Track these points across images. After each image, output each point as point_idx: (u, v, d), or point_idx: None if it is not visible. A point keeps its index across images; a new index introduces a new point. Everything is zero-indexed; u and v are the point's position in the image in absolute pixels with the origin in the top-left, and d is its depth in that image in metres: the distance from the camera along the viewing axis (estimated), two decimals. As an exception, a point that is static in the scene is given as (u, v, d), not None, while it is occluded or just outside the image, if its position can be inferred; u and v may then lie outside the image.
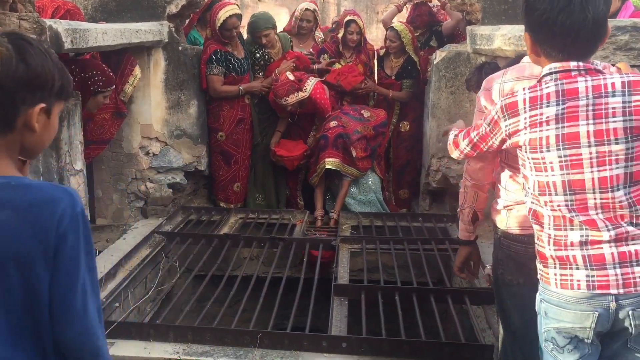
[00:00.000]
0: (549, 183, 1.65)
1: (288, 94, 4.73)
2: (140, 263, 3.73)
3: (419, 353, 2.79)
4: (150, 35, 4.17)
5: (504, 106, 1.71)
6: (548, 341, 1.71)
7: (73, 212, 1.21)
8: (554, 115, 1.60)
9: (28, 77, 1.20)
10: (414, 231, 4.46)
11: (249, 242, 4.14)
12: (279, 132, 5.12)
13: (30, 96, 1.22)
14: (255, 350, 2.81)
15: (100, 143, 4.08)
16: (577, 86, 1.60)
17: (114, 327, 2.86)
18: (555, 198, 1.65)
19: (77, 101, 2.87)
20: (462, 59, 4.57)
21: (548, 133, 1.61)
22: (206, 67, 4.73)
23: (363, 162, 4.86)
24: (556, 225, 1.67)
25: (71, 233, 1.21)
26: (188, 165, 4.83)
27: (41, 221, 1.19)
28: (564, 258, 1.65)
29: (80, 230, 1.22)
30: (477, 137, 1.89)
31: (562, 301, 1.65)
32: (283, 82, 4.75)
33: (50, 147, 2.58)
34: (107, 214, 4.64)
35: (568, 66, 1.63)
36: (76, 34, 3.02)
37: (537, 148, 1.64)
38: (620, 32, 2.51)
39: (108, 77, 3.62)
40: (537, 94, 1.64)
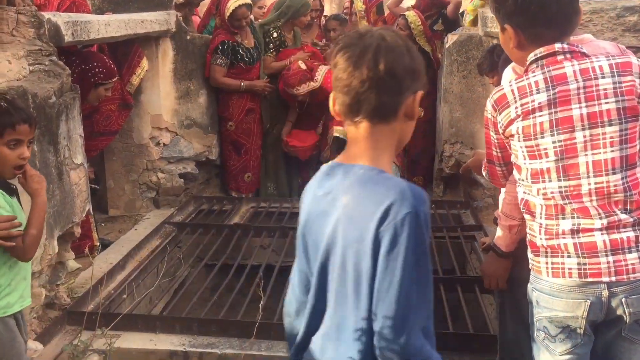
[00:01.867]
0: (542, 170, 1.61)
1: (300, 84, 4.68)
2: (151, 254, 3.74)
3: (426, 344, 2.74)
4: (156, 25, 4.15)
5: (494, 103, 1.68)
6: (540, 330, 1.68)
7: (410, 215, 1.13)
8: (546, 101, 1.58)
9: (412, 66, 1.23)
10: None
11: (259, 232, 4.12)
12: (290, 122, 5.08)
13: (413, 84, 1.23)
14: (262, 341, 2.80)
15: (108, 134, 4.09)
16: (565, 71, 1.58)
17: (120, 319, 2.87)
18: (549, 185, 1.61)
19: (76, 95, 2.86)
20: (474, 42, 4.46)
21: (542, 119, 1.59)
22: (211, 56, 4.70)
23: None
24: (547, 215, 1.63)
25: (400, 235, 1.13)
26: (199, 155, 4.82)
27: (378, 216, 1.14)
28: (556, 247, 1.62)
29: (412, 235, 1.13)
30: (498, 149, 1.81)
31: (554, 290, 1.62)
32: (295, 72, 4.70)
33: (47, 141, 2.58)
34: (119, 205, 4.66)
35: (553, 49, 1.60)
36: (77, 26, 3.00)
37: (531, 135, 1.61)
38: (628, 13, 2.41)
39: (109, 70, 3.60)
40: (524, 83, 1.61)
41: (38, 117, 2.51)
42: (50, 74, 2.67)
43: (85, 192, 2.93)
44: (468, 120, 4.59)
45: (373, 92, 1.19)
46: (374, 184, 1.20)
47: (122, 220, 4.57)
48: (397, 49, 1.21)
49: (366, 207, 1.17)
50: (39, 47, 2.71)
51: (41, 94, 2.54)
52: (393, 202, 1.14)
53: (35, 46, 2.70)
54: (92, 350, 2.70)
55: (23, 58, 2.61)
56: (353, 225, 1.18)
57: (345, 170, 1.25)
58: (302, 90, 4.70)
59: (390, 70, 1.19)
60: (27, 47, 2.67)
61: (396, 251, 1.13)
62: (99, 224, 4.32)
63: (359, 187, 1.21)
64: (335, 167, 1.28)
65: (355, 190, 1.21)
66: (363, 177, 1.22)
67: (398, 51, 1.20)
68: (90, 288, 3.07)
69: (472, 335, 2.81)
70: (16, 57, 2.58)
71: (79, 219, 2.91)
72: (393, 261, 1.13)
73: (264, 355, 2.72)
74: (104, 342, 2.74)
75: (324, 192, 1.27)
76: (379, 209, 1.14)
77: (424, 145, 5.25)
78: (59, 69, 2.73)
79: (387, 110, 1.22)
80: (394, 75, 1.19)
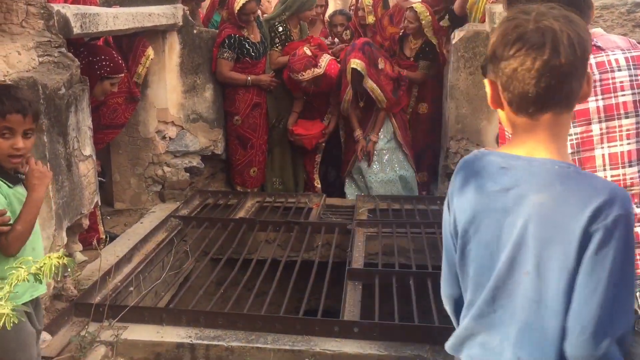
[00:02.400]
0: None
1: (305, 69, 4.69)
2: (156, 247, 3.75)
3: (431, 338, 2.75)
4: (163, 18, 4.15)
5: None
6: None
7: (622, 217, 1.07)
8: None
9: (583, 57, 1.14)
10: (431, 214, 4.40)
11: (265, 226, 4.13)
12: (295, 112, 5.10)
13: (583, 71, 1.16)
14: (267, 334, 2.81)
15: (115, 127, 4.09)
16: None
17: (127, 311, 2.88)
18: None
19: (85, 86, 2.87)
20: (481, 38, 4.45)
21: None
22: (218, 50, 4.70)
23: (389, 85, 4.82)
24: None
25: (611, 237, 1.07)
26: (205, 149, 4.83)
27: (586, 216, 1.08)
28: None
29: (622, 238, 1.07)
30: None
31: None
32: (300, 57, 4.71)
33: (57, 132, 2.59)
34: (125, 198, 4.67)
35: None
36: (85, 18, 3.01)
37: None
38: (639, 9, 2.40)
39: (116, 64, 3.60)
40: None
41: (47, 109, 2.52)
42: (60, 66, 2.68)
43: (94, 184, 2.93)
44: (474, 116, 4.58)
45: (568, 78, 1.12)
46: (577, 182, 1.13)
47: (127, 214, 4.57)
48: (579, 24, 1.14)
49: (570, 206, 1.10)
50: (48, 38, 2.71)
51: (51, 85, 2.55)
52: (604, 202, 1.07)
53: (44, 37, 2.70)
54: (99, 341, 2.72)
55: (32, 49, 2.61)
56: (552, 225, 1.11)
57: (528, 165, 1.17)
58: (306, 76, 4.71)
59: (583, 52, 1.12)
60: (36, 39, 2.68)
61: (605, 253, 1.07)
62: (104, 217, 4.33)
63: (559, 185, 1.13)
64: (510, 159, 1.19)
65: (555, 188, 1.13)
66: (561, 174, 1.14)
67: (582, 26, 1.13)
68: (99, 279, 3.08)
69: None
70: (26, 49, 2.58)
71: (87, 211, 2.92)
72: (600, 264, 1.07)
73: (269, 348, 2.72)
74: (111, 333, 2.75)
75: (501, 187, 1.18)
76: (588, 208, 1.08)
77: (428, 141, 5.26)
78: (68, 61, 2.73)
79: (574, 96, 1.16)
80: (584, 57, 1.13)
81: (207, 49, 4.72)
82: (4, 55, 2.43)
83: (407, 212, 4.46)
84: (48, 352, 2.62)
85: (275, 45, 5.02)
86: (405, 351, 2.69)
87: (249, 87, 4.83)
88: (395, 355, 2.67)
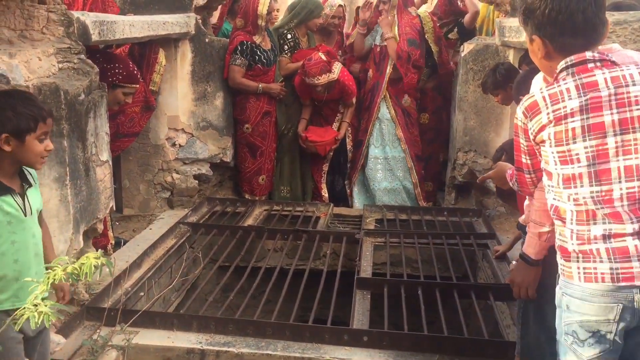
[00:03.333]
0: (574, 175, 1.64)
1: (321, 73, 4.74)
2: (166, 253, 3.77)
3: (440, 348, 2.76)
4: (177, 27, 4.20)
5: (524, 110, 1.72)
6: (568, 334, 1.70)
7: None
8: (578, 107, 1.62)
9: None
10: (438, 225, 4.42)
11: (273, 234, 4.16)
12: (304, 119, 5.13)
13: None
14: (277, 342, 2.82)
15: (131, 136, 4.13)
16: (596, 79, 1.63)
17: (138, 316, 2.90)
18: (580, 190, 1.65)
19: (103, 93, 2.91)
20: (490, 51, 4.50)
21: (574, 125, 1.62)
22: (230, 57, 4.75)
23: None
24: (579, 220, 1.66)
25: None
26: (214, 157, 4.86)
27: None
28: (587, 252, 1.65)
29: None
30: (527, 157, 1.85)
31: (586, 294, 1.64)
32: (316, 61, 4.75)
33: (77, 138, 2.62)
34: (134, 204, 4.70)
35: (584, 57, 1.65)
36: (103, 26, 3.05)
37: (562, 141, 1.64)
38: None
39: (130, 74, 3.57)
40: (555, 90, 1.66)
41: (68, 114, 2.56)
42: (79, 72, 2.72)
43: (110, 189, 2.97)
44: (482, 129, 4.62)
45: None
46: None
47: (136, 220, 4.60)
48: None
49: None
50: (68, 45, 2.75)
51: (72, 91, 2.59)
52: None
53: (64, 44, 2.74)
54: (110, 345, 2.73)
55: (52, 55, 2.65)
56: None
57: None
58: (322, 80, 4.75)
59: None
60: (56, 45, 2.72)
61: None
62: (113, 222, 4.36)
63: None
64: None
65: None
66: None
67: None
68: (112, 282, 3.10)
69: (487, 341, 2.83)
70: (46, 55, 2.62)
71: (102, 215, 2.95)
72: None
73: (279, 355, 2.74)
74: (122, 338, 2.76)
75: None
76: None
77: (431, 151, 5.29)
78: (87, 67, 2.77)
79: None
80: None
81: (218, 58, 4.77)
82: (25, 61, 2.47)
83: (414, 223, 4.48)
84: (60, 355, 2.63)
85: (285, 52, 5.06)
86: (414, 360, 2.71)
87: (259, 95, 4.87)
88: (404, 364, 2.69)
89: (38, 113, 1.94)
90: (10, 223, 1.91)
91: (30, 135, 1.92)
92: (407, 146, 5.04)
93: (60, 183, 2.57)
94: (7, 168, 1.93)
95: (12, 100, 1.90)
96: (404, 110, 5.07)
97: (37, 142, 1.95)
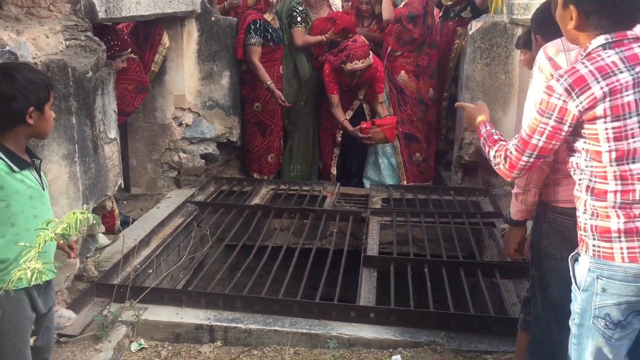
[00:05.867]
0: (629, 151, 1.62)
1: (365, 57, 4.66)
2: (174, 231, 3.80)
3: (446, 325, 2.79)
4: (183, 5, 4.18)
5: (569, 86, 1.63)
6: (599, 318, 1.67)
7: None
8: (631, 81, 1.60)
9: None
10: (445, 204, 4.43)
11: (280, 213, 4.17)
12: (337, 108, 4.91)
13: None
14: (285, 318, 2.85)
15: (121, 114, 4.07)
16: (635, 52, 1.62)
17: (147, 292, 2.93)
18: (633, 166, 1.63)
19: (111, 70, 2.91)
20: (499, 29, 4.46)
21: (628, 99, 1.60)
22: (245, 35, 4.74)
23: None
24: (624, 199, 1.64)
25: None
26: (220, 136, 4.87)
27: None
28: (633, 230, 1.62)
29: None
30: (544, 139, 1.72)
31: (629, 275, 1.62)
32: (362, 44, 4.66)
33: (85, 115, 2.63)
34: (141, 184, 4.72)
35: (625, 35, 1.63)
36: (110, 3, 3.04)
37: (620, 115, 1.61)
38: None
39: (123, 41, 3.65)
40: (600, 63, 1.62)
41: (76, 91, 2.57)
42: (87, 49, 2.72)
43: (118, 167, 2.98)
44: (490, 107, 4.48)
45: None
46: None
47: (143, 199, 4.63)
48: None
49: None
50: (75, 22, 2.75)
51: (79, 68, 2.59)
52: None
53: (71, 21, 2.74)
54: (120, 321, 2.77)
55: (60, 33, 2.65)
56: None
57: None
58: (365, 64, 4.66)
59: None
60: (63, 22, 2.71)
61: None
62: (120, 201, 4.38)
63: None
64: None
65: None
66: None
67: None
68: (121, 259, 3.13)
69: (493, 317, 2.86)
70: (53, 32, 2.61)
71: (111, 193, 2.97)
72: None
73: (287, 331, 2.78)
74: (132, 314, 2.80)
75: None
76: None
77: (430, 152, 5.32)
78: (94, 45, 2.77)
79: None
80: None
81: (224, 36, 4.75)
82: (33, 38, 2.47)
83: (420, 202, 4.49)
84: (71, 330, 2.68)
85: (299, 24, 5.00)
86: (420, 337, 2.74)
87: (269, 74, 4.83)
88: (410, 340, 2.72)
89: (47, 80, 1.93)
90: (32, 197, 1.90)
91: (47, 105, 1.89)
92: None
93: (69, 160, 2.59)
94: (22, 143, 1.90)
95: (22, 72, 1.86)
96: (398, 87, 5.06)
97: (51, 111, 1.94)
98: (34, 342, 2.05)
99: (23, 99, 1.83)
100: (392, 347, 2.71)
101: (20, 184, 1.87)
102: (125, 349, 2.70)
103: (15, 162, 1.86)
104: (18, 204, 1.87)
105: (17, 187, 1.87)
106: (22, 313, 1.93)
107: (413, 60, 5.04)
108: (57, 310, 2.62)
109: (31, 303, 1.95)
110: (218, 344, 2.80)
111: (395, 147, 5.08)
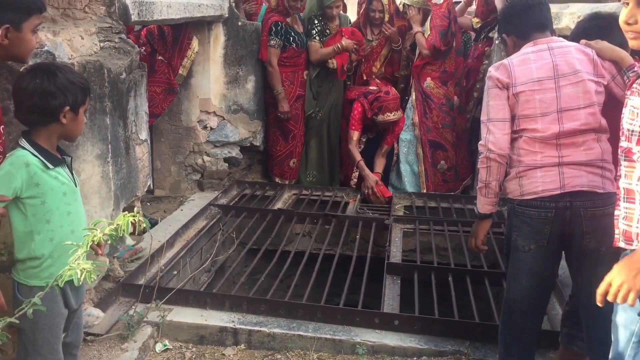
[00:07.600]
0: None
1: (397, 109, 4.76)
2: (197, 234, 3.82)
3: (471, 335, 2.77)
4: (211, 9, 4.22)
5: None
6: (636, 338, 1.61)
7: None
8: None
9: None
10: (468, 213, 4.40)
11: (302, 218, 4.18)
12: (361, 161, 4.88)
13: None
14: (309, 323, 2.85)
15: (150, 116, 4.12)
16: None
17: (172, 293, 2.95)
18: None
19: (144, 72, 2.94)
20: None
21: None
22: (267, 37, 4.77)
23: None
24: None
25: None
26: (244, 140, 4.89)
27: None
28: None
29: None
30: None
31: None
32: (395, 96, 4.74)
33: (118, 116, 2.66)
34: (165, 186, 4.76)
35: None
36: (143, 6, 3.08)
37: None
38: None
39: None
40: None
41: (111, 92, 2.60)
42: (120, 51, 2.75)
43: (147, 168, 3.01)
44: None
45: None
46: None
47: (167, 201, 4.66)
48: None
49: None
50: (110, 24, 2.78)
51: (114, 69, 2.62)
52: None
53: (105, 23, 2.77)
54: (146, 321, 2.79)
55: (94, 34, 2.68)
56: None
57: None
58: (396, 117, 4.75)
59: None
60: (98, 24, 2.75)
61: None
62: (144, 203, 4.42)
63: None
64: None
65: None
66: None
67: None
68: (148, 260, 3.16)
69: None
70: (88, 34, 2.65)
71: (141, 193, 3.00)
72: None
73: (310, 336, 2.77)
74: (157, 314, 2.81)
75: None
76: None
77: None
78: (128, 47, 2.80)
79: None
80: None
81: (250, 41, 4.78)
82: (68, 39, 2.50)
83: (443, 210, 4.47)
84: (98, 329, 2.70)
85: (314, 37, 5.03)
86: (445, 346, 2.72)
87: (293, 79, 4.88)
88: (435, 349, 2.70)
89: (86, 84, 1.97)
90: (65, 194, 1.94)
91: (82, 107, 1.94)
92: (420, 132, 5.02)
93: (103, 160, 2.62)
94: (54, 141, 1.95)
95: (63, 72, 1.90)
96: (424, 93, 5.05)
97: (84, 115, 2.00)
98: (64, 338, 2.08)
99: (61, 96, 1.87)
100: (417, 356, 2.70)
101: (54, 181, 1.91)
102: (150, 350, 2.72)
103: (49, 159, 1.90)
104: (53, 201, 1.91)
105: (51, 184, 1.90)
106: (56, 309, 1.96)
107: (439, 66, 5.03)
108: (85, 309, 2.65)
109: (64, 299, 1.98)
110: (242, 347, 2.80)
111: (418, 154, 5.07)
